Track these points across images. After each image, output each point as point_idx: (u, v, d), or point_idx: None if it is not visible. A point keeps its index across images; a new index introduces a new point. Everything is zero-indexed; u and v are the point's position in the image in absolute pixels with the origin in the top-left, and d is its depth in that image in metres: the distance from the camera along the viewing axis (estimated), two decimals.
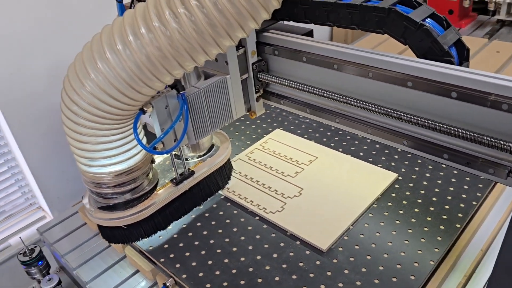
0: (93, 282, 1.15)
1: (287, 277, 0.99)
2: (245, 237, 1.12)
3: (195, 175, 1.10)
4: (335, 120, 1.11)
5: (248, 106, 1.24)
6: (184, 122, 1.01)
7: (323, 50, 1.05)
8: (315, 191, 1.22)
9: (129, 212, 1.02)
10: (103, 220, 1.03)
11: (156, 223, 1.08)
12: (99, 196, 1.03)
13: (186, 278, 1.02)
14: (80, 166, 1.00)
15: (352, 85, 1.02)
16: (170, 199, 1.07)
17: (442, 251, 1.00)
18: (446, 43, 0.91)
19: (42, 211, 1.80)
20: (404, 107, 0.94)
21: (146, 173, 1.05)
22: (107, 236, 1.09)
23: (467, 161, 0.89)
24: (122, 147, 0.97)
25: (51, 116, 1.62)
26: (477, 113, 0.83)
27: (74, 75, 0.88)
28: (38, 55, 1.50)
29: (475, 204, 1.12)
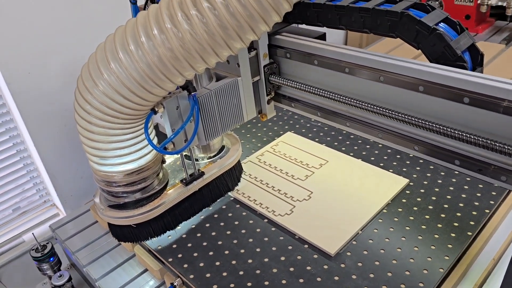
0: (102, 280, 1.16)
1: (294, 281, 0.99)
2: (253, 239, 1.12)
3: (205, 176, 1.10)
4: (346, 124, 1.10)
5: (259, 108, 1.24)
6: (194, 123, 1.02)
7: (334, 53, 1.04)
8: (325, 195, 1.22)
9: (138, 211, 1.02)
10: (113, 219, 1.04)
11: (165, 223, 1.09)
12: (109, 195, 1.04)
13: (193, 279, 1.03)
14: (92, 165, 1.01)
15: (363, 89, 1.02)
16: (179, 199, 1.07)
17: (452, 259, 0.99)
18: (459, 48, 0.90)
19: (55, 209, 1.82)
20: (416, 112, 0.94)
21: (156, 172, 1.06)
22: (117, 234, 1.10)
23: (479, 167, 0.88)
24: (133, 147, 0.98)
25: (66, 115, 1.64)
26: (489, 119, 0.82)
27: (87, 75, 0.89)
28: (54, 55, 1.53)
29: (488, 212, 1.10)
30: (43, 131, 1.60)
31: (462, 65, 0.90)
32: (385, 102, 0.99)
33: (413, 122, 0.91)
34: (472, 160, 0.90)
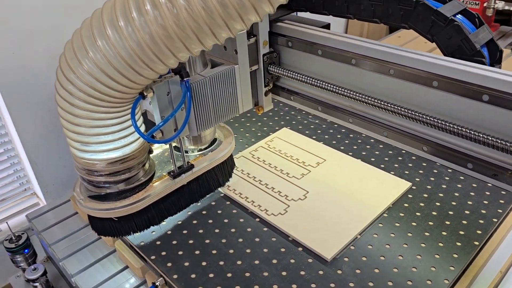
0: (79, 276, 1.08)
1: (286, 286, 0.91)
2: (243, 239, 1.04)
3: (194, 169, 1.03)
4: (349, 120, 1.03)
5: (255, 100, 1.17)
6: (186, 111, 0.94)
7: (341, 43, 0.97)
8: (322, 195, 1.14)
9: (121, 204, 0.95)
10: (93, 210, 0.97)
11: (150, 218, 1.01)
12: (90, 185, 0.97)
13: (177, 279, 0.94)
14: (73, 151, 0.93)
15: (370, 82, 0.95)
16: (166, 192, 1.00)
17: (458, 269, 0.92)
18: (478, 42, 0.84)
19: (36, 198, 1.73)
20: (427, 109, 0.87)
21: (142, 163, 0.99)
22: (97, 227, 1.02)
23: (494, 172, 0.82)
24: (118, 133, 0.90)
25: (51, 100, 1.55)
26: (511, 119, 0.75)
27: (71, 53, 0.82)
28: (40, 35, 1.44)
29: (496, 221, 1.03)
30: (26, 115, 1.51)
31: (481, 60, 0.83)
32: (393, 97, 0.92)
33: (424, 120, 0.84)
34: (487, 164, 0.83)
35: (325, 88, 1.00)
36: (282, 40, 1.08)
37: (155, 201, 0.99)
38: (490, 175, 0.83)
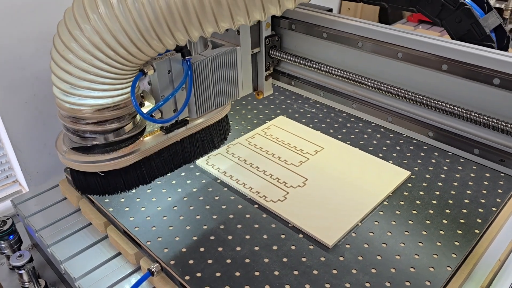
0: (68, 262, 1.03)
1: (287, 272, 0.89)
2: (242, 225, 1.01)
3: (188, 125, 0.96)
4: (352, 106, 1.02)
5: (255, 84, 1.14)
6: (187, 92, 0.91)
7: (348, 26, 0.95)
8: (321, 182, 1.12)
9: (108, 156, 0.86)
10: (77, 163, 0.87)
11: (139, 175, 0.94)
12: (75, 135, 0.87)
13: (174, 265, 0.91)
14: (57, 94, 0.83)
15: (376, 67, 0.93)
16: (157, 148, 0.93)
17: (460, 257, 0.91)
18: (487, 26, 0.83)
19: (18, 185, 1.67)
20: (435, 94, 0.85)
21: (133, 114, 0.90)
22: (81, 184, 0.93)
23: (501, 158, 0.81)
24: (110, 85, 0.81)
25: (37, 84, 1.49)
26: None
27: (71, 20, 0.76)
28: (28, 14, 1.38)
29: (495, 210, 1.03)
30: (10, 99, 1.45)
31: (490, 45, 0.83)
32: (399, 82, 0.91)
33: (432, 104, 0.83)
34: (494, 150, 0.82)
35: (329, 72, 0.98)
36: (285, 23, 1.05)
37: (146, 157, 0.91)
38: (497, 161, 0.82)
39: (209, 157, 1.23)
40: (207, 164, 1.20)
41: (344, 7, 2.54)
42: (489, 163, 0.83)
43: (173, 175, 1.17)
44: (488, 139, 0.82)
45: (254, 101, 1.53)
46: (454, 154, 0.87)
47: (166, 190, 1.12)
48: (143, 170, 0.94)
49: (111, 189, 0.93)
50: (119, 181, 0.92)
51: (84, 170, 0.89)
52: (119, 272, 1.00)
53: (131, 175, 0.92)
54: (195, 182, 1.15)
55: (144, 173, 0.94)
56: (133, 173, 0.92)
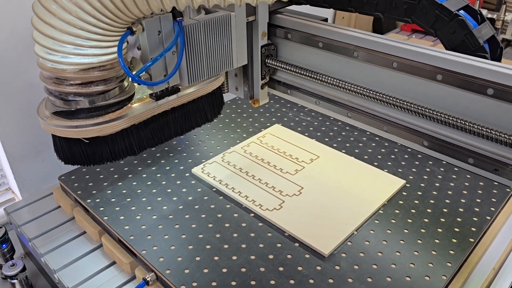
0: (62, 271, 1.02)
1: (284, 281, 0.89)
2: (238, 234, 1.01)
3: (179, 93, 0.92)
4: (347, 115, 1.02)
5: (251, 93, 1.14)
6: (178, 55, 0.85)
7: (344, 36, 0.97)
8: (317, 191, 1.12)
9: (93, 121, 0.81)
10: (59, 128, 0.82)
11: (127, 145, 0.89)
12: (58, 98, 0.81)
13: (170, 274, 0.91)
14: (39, 52, 0.78)
15: (371, 76, 0.94)
16: (146, 116, 0.88)
17: (455, 266, 0.91)
18: (481, 37, 0.84)
19: (11, 193, 1.65)
20: (429, 103, 0.87)
21: (120, 78, 0.85)
22: (64, 153, 0.88)
23: (495, 167, 0.82)
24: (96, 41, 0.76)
25: (31, 90, 1.48)
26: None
27: None
28: (22, 25, 1.37)
29: (489, 219, 1.04)
30: (4, 106, 1.44)
31: (484, 55, 0.84)
32: (394, 91, 0.92)
33: (427, 113, 0.84)
34: (488, 159, 0.83)
35: (325, 81, 0.99)
36: (281, 32, 1.06)
37: (134, 126, 0.86)
38: (491, 170, 0.83)
39: (205, 166, 1.23)
40: (202, 173, 1.20)
41: (338, 16, 2.56)
42: (483, 172, 0.84)
43: (168, 183, 1.17)
44: (482, 148, 0.83)
45: (249, 109, 1.53)
46: (449, 163, 0.88)
47: (161, 199, 1.12)
48: (131, 139, 0.89)
49: (96, 158, 0.88)
50: (105, 150, 0.87)
51: (67, 136, 0.83)
52: (114, 282, 0.99)
53: (118, 144, 0.87)
54: (191, 191, 1.14)
55: (132, 142, 0.90)
56: (120, 142, 0.87)
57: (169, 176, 1.20)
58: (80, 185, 1.18)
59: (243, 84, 1.11)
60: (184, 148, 1.32)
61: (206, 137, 1.37)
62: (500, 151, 0.81)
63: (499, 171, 0.82)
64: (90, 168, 1.25)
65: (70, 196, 1.19)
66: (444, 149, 0.88)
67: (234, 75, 1.13)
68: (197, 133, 1.39)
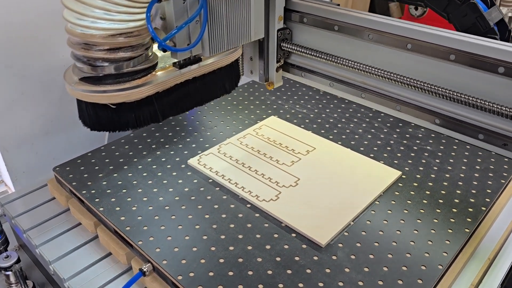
0: (57, 263, 1.01)
1: (281, 271, 0.89)
2: (234, 224, 1.01)
3: (201, 63, 0.94)
4: (361, 96, 1.06)
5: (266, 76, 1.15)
6: (201, 24, 0.87)
7: (359, 19, 1.01)
8: (313, 182, 1.12)
9: (121, 86, 0.84)
10: (88, 93, 0.83)
11: (151, 112, 0.91)
12: (86, 64, 0.84)
13: (166, 265, 0.90)
14: (69, 18, 0.80)
15: (385, 58, 0.98)
16: (169, 84, 0.90)
17: (451, 255, 0.92)
18: (491, 20, 0.89)
19: (4, 186, 1.64)
20: (442, 83, 0.90)
21: (146, 46, 0.88)
22: (91, 120, 0.90)
23: (504, 142, 0.88)
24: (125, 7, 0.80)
25: (24, 82, 1.47)
26: None
27: None
28: (14, 17, 1.35)
29: (484, 210, 1.04)
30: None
31: (494, 37, 0.87)
32: (408, 72, 0.95)
33: (439, 92, 0.87)
34: (498, 135, 0.88)
35: (340, 63, 1.01)
36: (296, 16, 1.08)
37: (158, 93, 0.88)
38: (500, 145, 0.87)
39: (201, 157, 1.22)
40: (198, 164, 1.19)
41: None
42: (493, 147, 0.87)
43: (164, 174, 1.16)
44: (492, 124, 0.87)
45: (245, 101, 1.53)
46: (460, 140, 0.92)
47: (157, 190, 1.11)
48: (155, 106, 0.91)
49: (122, 124, 0.90)
50: (130, 116, 0.89)
51: (94, 101, 0.85)
52: (109, 273, 0.99)
53: (143, 111, 0.90)
54: (187, 182, 1.14)
55: (156, 110, 0.92)
56: (145, 108, 0.90)
57: (165, 168, 1.19)
58: (75, 176, 1.17)
59: (259, 67, 1.14)
60: (179, 140, 1.31)
61: (201, 128, 1.37)
62: (509, 127, 0.86)
63: (508, 145, 0.87)
64: (85, 159, 1.24)
65: (65, 188, 1.18)
66: (456, 126, 0.91)
67: (250, 58, 1.15)
68: (192, 124, 1.39)
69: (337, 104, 1.49)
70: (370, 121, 1.39)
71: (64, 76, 0.89)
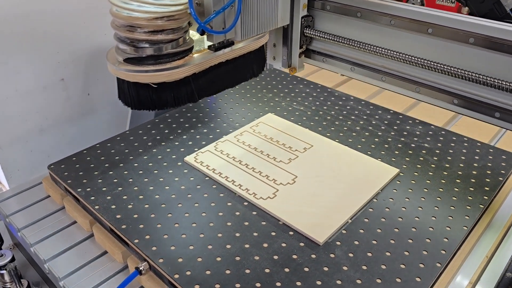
0: (52, 262, 1.00)
1: (278, 270, 0.88)
2: (231, 223, 1.00)
3: (233, 47, 1.00)
4: (382, 79, 1.11)
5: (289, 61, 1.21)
6: (236, 10, 0.92)
7: (381, 6, 1.04)
8: (311, 180, 1.12)
9: (162, 67, 0.90)
10: (132, 73, 0.90)
11: (188, 91, 0.97)
12: (130, 45, 0.90)
13: (163, 263, 0.89)
14: (115, 2, 0.87)
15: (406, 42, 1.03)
16: (205, 66, 0.97)
17: (449, 253, 0.92)
18: (508, 6, 0.98)
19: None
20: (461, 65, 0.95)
21: (185, 29, 0.94)
22: (132, 99, 0.96)
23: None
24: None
25: (18, 78, 1.45)
26: None
27: None
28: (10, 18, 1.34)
29: (482, 207, 1.04)
30: None
31: (510, 22, 0.94)
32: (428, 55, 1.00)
33: (459, 73, 0.93)
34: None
35: (362, 48, 1.05)
36: (318, 4, 1.13)
37: (194, 74, 0.95)
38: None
39: (198, 154, 1.21)
40: (195, 161, 1.18)
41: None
42: (508, 124, 0.92)
43: (161, 172, 1.15)
44: (508, 104, 0.91)
45: (242, 98, 1.52)
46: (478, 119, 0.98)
47: (153, 188, 1.10)
48: (192, 86, 0.96)
49: (162, 103, 0.95)
50: (170, 95, 0.95)
51: (137, 81, 0.91)
52: (105, 271, 0.98)
53: (181, 91, 0.95)
54: (183, 180, 1.13)
55: (193, 89, 0.97)
56: (183, 88, 0.95)
57: (161, 165, 1.18)
58: (70, 174, 1.15)
59: (282, 53, 1.20)
60: (176, 137, 1.30)
61: (198, 126, 1.36)
62: None
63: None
64: (80, 156, 1.23)
65: (60, 185, 1.17)
66: (473, 106, 0.97)
67: (273, 45, 1.21)
68: (188, 122, 1.38)
69: (334, 101, 1.48)
70: (367, 119, 1.38)
71: (107, 57, 0.94)
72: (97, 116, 1.85)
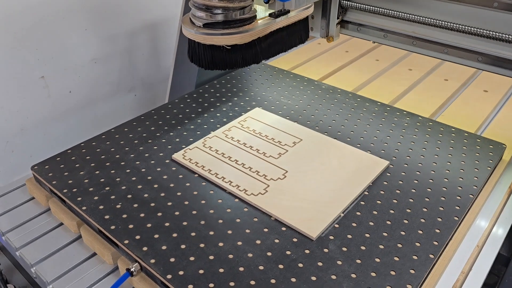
0: (39, 265, 0.98)
1: (272, 266, 0.87)
2: (223, 220, 0.98)
3: (289, 15, 1.11)
4: (413, 43, 1.21)
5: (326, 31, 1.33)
6: None
7: None
8: (301, 174, 1.11)
9: (235, 30, 1.01)
10: (209, 36, 1.00)
11: (253, 53, 1.07)
12: (207, 11, 1.00)
13: (155, 264, 0.88)
14: None
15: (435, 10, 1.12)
16: (268, 30, 1.07)
17: (442, 244, 0.92)
18: None
19: None
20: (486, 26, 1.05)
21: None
22: (206, 60, 1.06)
23: None
24: None
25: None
26: None
27: None
28: None
29: (472, 197, 1.05)
30: None
31: None
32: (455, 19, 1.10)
33: (483, 33, 1.04)
34: None
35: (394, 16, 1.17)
36: None
37: (259, 38, 1.06)
38: None
39: (186, 151, 1.19)
40: (184, 158, 1.16)
41: None
42: None
43: (148, 170, 1.13)
44: None
45: (228, 93, 1.50)
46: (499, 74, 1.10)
47: (142, 187, 1.08)
48: (257, 48, 1.07)
49: (232, 63, 1.06)
50: (239, 56, 1.06)
51: (213, 43, 1.02)
52: (95, 274, 0.95)
53: (248, 53, 1.06)
54: (172, 177, 1.11)
55: (257, 52, 1.08)
56: (249, 50, 1.06)
57: (148, 163, 1.16)
58: (54, 175, 1.12)
59: (320, 24, 1.32)
60: (162, 134, 1.28)
61: (185, 122, 1.34)
62: None
63: None
64: (64, 156, 1.20)
65: (45, 187, 1.13)
66: (495, 62, 1.09)
67: (311, 17, 1.31)
68: (175, 118, 1.35)
69: (321, 94, 1.48)
70: (355, 111, 1.38)
71: (183, 22, 1.05)
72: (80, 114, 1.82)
